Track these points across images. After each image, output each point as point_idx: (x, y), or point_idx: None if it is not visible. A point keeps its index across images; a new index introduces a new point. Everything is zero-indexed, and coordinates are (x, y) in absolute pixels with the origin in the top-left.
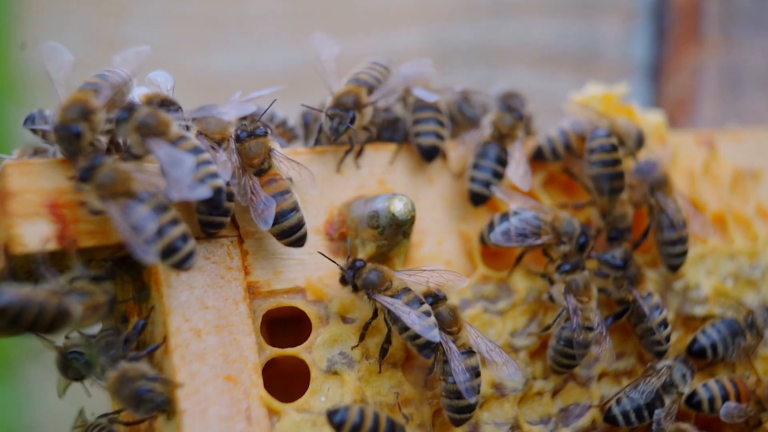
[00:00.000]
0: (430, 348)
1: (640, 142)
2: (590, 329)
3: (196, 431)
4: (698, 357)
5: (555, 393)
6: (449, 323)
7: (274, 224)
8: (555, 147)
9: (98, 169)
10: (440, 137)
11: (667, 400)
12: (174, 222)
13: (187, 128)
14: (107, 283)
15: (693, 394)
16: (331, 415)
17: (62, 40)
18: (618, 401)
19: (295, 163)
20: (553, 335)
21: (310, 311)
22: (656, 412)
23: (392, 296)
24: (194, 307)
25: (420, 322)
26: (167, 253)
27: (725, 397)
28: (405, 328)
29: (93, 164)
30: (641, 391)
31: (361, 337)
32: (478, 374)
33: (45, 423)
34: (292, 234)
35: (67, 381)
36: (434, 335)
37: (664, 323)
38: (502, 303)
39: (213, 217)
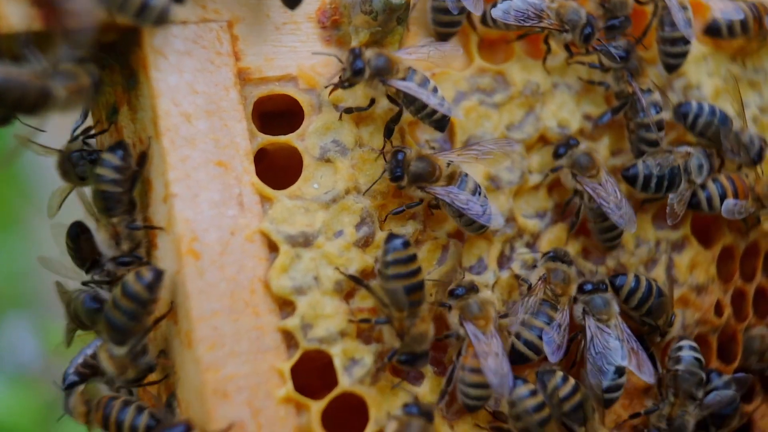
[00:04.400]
0: (446, 122)
1: None
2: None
3: (188, 216)
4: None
5: (551, 188)
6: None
7: None
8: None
9: None
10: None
11: (682, 185)
12: None
13: None
14: (92, 65)
15: (692, 194)
16: (391, 234)
17: None
18: (644, 161)
19: None
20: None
21: (302, 99)
22: (670, 196)
23: (403, 79)
24: (183, 92)
25: (435, 100)
26: (141, 12)
27: (723, 196)
28: (422, 107)
29: None
30: (658, 162)
31: (348, 111)
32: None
33: (43, 268)
34: None
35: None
36: (449, 109)
37: (660, 124)
38: (499, 95)
39: None
